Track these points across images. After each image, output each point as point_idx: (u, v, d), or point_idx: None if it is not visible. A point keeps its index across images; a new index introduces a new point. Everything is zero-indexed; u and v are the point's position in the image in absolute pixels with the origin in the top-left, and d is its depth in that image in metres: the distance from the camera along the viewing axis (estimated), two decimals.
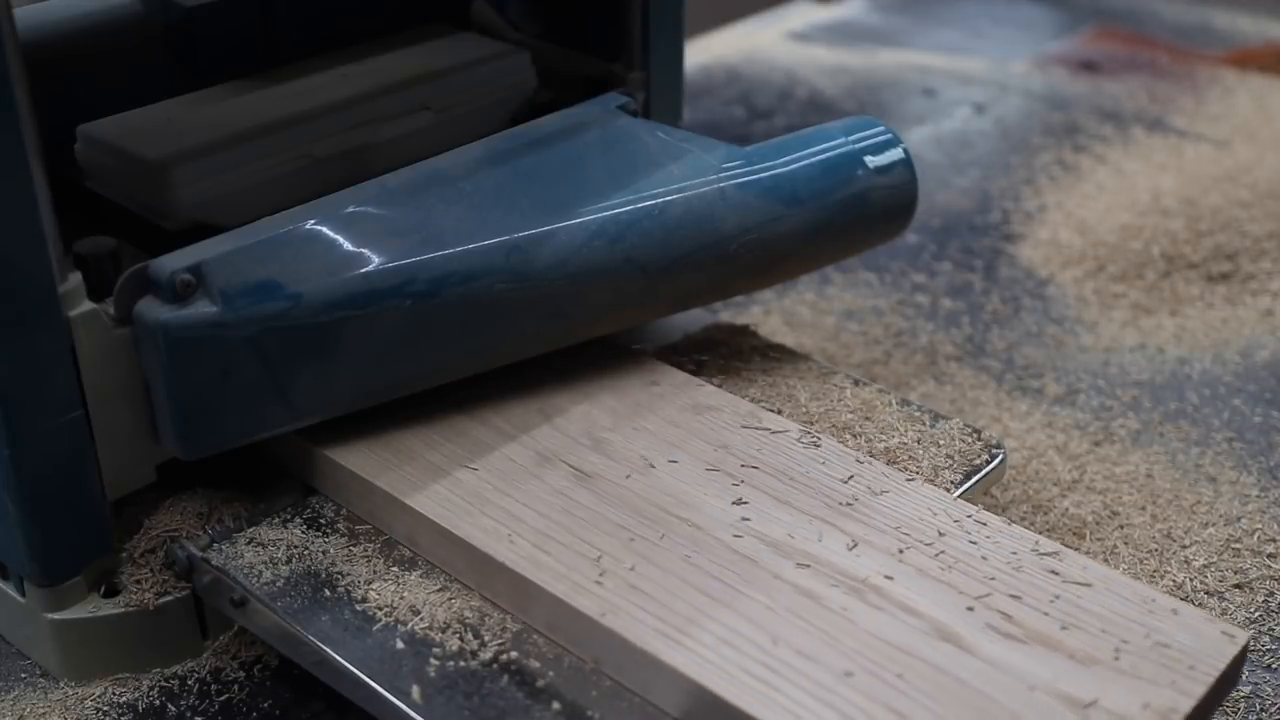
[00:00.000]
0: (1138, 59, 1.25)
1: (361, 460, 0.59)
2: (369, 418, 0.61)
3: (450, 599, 0.55)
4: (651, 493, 0.57)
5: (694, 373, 0.67)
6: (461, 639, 0.53)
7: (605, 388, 0.64)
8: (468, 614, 0.54)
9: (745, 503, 0.57)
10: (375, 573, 0.57)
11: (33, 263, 0.52)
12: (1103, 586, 0.52)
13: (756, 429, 0.61)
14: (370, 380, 0.60)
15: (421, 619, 0.54)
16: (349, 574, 0.56)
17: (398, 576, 0.56)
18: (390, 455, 0.60)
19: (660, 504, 0.57)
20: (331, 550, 0.58)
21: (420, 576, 0.56)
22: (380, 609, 0.55)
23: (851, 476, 0.58)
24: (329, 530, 0.59)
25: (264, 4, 0.70)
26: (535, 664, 0.52)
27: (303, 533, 0.59)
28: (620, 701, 0.51)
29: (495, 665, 0.52)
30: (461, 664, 0.52)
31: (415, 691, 0.51)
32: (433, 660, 0.52)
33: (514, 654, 0.53)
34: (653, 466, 0.59)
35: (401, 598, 0.55)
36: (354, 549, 0.58)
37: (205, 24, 0.68)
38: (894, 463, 0.61)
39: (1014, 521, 0.67)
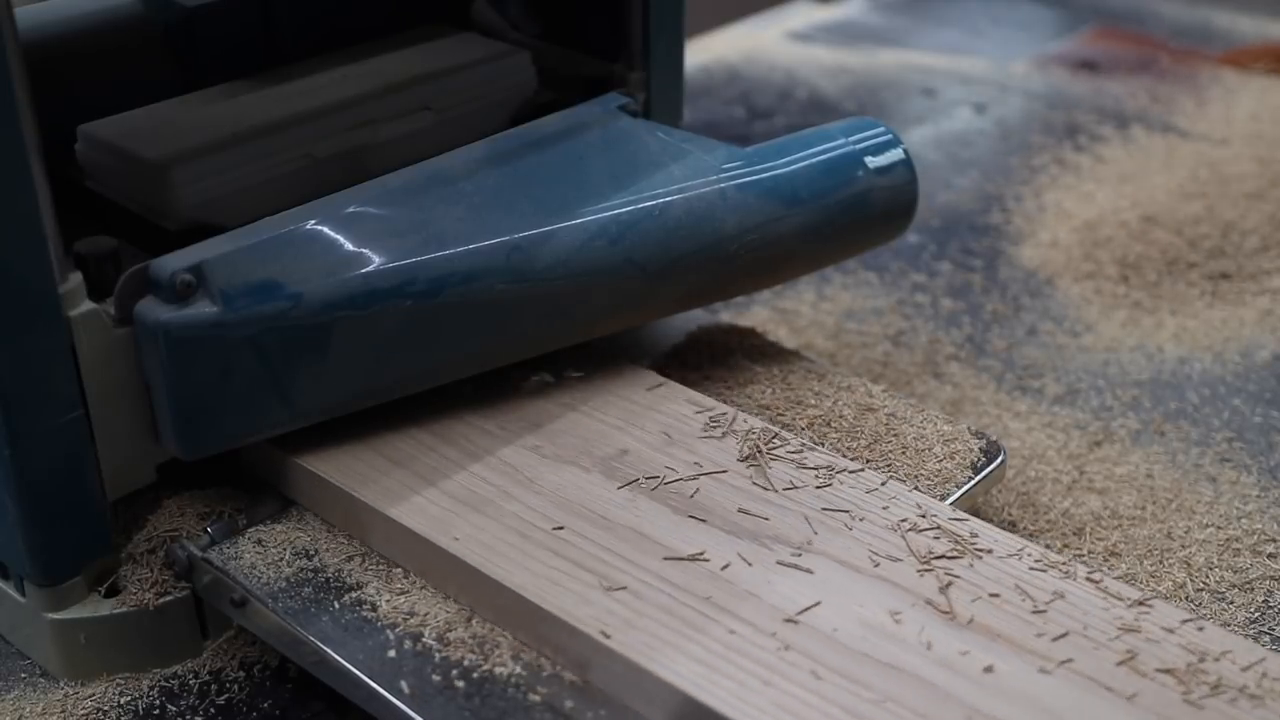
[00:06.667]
0: (1138, 59, 1.25)
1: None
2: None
3: (450, 601, 0.55)
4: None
5: (694, 372, 0.67)
6: (461, 641, 0.53)
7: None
8: (468, 616, 0.54)
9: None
10: (376, 573, 0.57)
11: (33, 263, 0.52)
12: None
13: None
14: (370, 380, 0.59)
15: (421, 620, 0.54)
16: (350, 574, 0.56)
17: (399, 577, 0.56)
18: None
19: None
20: (333, 550, 0.58)
21: (421, 579, 0.56)
22: (381, 610, 0.55)
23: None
24: (330, 529, 0.59)
25: (264, 4, 0.70)
26: (535, 668, 0.52)
27: (303, 533, 0.59)
28: (618, 709, 0.50)
29: (495, 667, 0.52)
30: (461, 666, 0.52)
31: (414, 692, 0.51)
32: (432, 661, 0.52)
33: (514, 657, 0.53)
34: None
35: (402, 598, 0.55)
36: (355, 549, 0.58)
37: (205, 24, 0.68)
38: (895, 464, 0.61)
39: (1013, 522, 0.67)
